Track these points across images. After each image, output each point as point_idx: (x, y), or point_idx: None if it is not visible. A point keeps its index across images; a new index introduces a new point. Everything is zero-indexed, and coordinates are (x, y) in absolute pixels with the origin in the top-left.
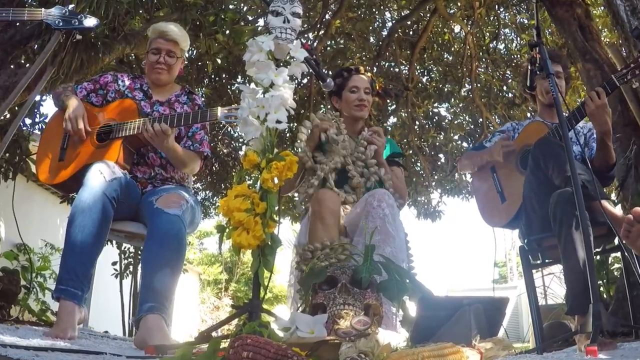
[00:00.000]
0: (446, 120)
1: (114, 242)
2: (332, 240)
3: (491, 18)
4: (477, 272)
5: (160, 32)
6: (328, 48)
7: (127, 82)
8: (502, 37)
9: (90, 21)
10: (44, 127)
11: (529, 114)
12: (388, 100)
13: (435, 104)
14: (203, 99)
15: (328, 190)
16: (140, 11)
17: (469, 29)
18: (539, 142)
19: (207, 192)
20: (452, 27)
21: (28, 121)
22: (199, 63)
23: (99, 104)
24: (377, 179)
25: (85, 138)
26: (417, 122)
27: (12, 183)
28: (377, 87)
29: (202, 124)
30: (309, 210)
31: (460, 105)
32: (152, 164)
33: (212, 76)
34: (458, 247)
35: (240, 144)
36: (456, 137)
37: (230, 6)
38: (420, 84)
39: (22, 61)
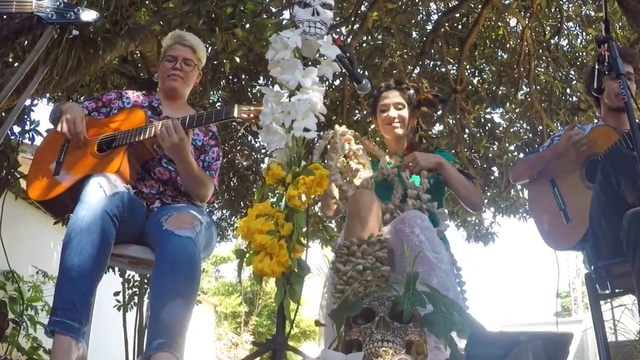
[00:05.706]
0: (500, 128)
1: (116, 269)
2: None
3: (552, 10)
4: (535, 303)
5: (176, 37)
6: (364, 44)
7: (132, 98)
8: (565, 32)
9: (88, 15)
10: (35, 137)
11: (595, 121)
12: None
13: (488, 109)
14: (219, 104)
15: (365, 190)
16: (147, 2)
17: (526, 22)
18: (609, 153)
19: (224, 211)
20: (507, 20)
21: (17, 129)
22: (215, 62)
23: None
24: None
25: (84, 141)
26: (466, 130)
27: None
28: (420, 97)
29: (218, 155)
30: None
31: (517, 110)
32: (160, 178)
33: (230, 77)
34: (514, 274)
35: (262, 156)
36: (512, 148)
37: None
38: (470, 86)
39: (11, 59)
